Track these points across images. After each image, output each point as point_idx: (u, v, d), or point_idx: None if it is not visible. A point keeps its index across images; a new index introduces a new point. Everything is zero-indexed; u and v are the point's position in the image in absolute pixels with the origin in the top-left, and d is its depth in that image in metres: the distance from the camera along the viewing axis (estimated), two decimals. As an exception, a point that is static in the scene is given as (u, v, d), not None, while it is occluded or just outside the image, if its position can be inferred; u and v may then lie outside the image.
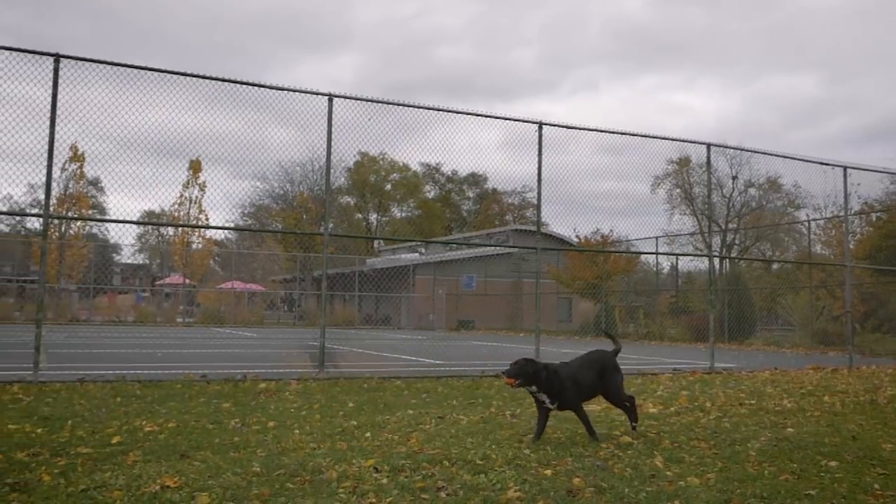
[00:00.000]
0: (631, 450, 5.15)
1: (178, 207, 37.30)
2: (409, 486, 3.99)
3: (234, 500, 3.62)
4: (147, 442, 4.97)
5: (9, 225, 58.20)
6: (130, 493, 3.64)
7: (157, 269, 57.48)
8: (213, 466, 4.29)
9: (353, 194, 64.07)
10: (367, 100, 10.55)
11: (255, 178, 53.07)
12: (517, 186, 61.50)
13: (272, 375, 9.70)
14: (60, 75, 8.83)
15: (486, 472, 4.33)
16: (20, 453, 4.49)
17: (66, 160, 34.03)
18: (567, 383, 5.28)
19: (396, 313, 38.96)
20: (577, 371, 5.46)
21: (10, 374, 8.78)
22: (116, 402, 6.92)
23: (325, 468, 4.28)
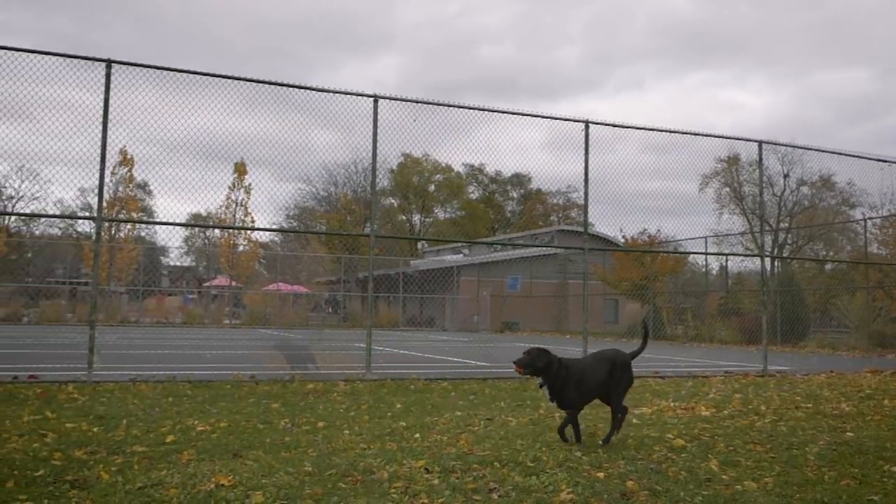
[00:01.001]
0: (685, 453, 5.05)
1: (225, 210, 37.83)
2: (461, 487, 3.96)
3: (288, 499, 3.63)
4: (200, 441, 5.02)
5: (60, 228, 59.75)
6: (186, 491, 3.68)
7: (204, 271, 58.38)
8: (266, 466, 4.32)
9: (396, 196, 64.40)
10: (412, 101, 10.57)
11: (299, 181, 53.75)
12: (562, 186, 61.19)
13: (320, 376, 9.76)
14: (111, 80, 8.98)
15: (537, 474, 4.29)
16: (78, 451, 4.57)
17: (115, 164, 34.76)
18: (571, 383, 5.10)
19: (441, 315, 38.97)
20: (586, 370, 5.27)
21: (65, 374, 8.99)
22: (168, 401, 7.02)
23: (377, 469, 4.28)
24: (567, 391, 5.11)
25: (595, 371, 5.29)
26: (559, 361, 5.11)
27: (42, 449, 4.61)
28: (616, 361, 5.39)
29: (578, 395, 5.17)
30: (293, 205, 58.07)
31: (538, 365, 5.04)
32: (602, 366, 5.34)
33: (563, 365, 5.10)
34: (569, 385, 5.10)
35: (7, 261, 37.66)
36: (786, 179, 47.82)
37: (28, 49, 8.76)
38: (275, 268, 41.24)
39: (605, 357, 5.46)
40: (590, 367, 5.31)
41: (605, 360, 5.39)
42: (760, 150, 13.25)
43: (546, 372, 5.06)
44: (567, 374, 5.09)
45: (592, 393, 5.32)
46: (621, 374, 5.38)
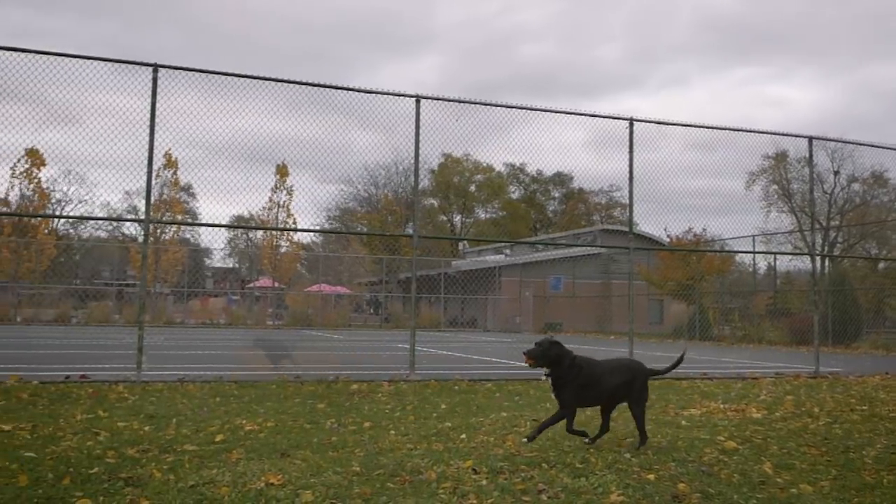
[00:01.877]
0: (737, 455, 4.97)
1: (268, 212, 38.26)
2: (510, 488, 3.94)
3: (337, 499, 3.64)
4: (248, 440, 5.06)
5: (107, 231, 61.05)
6: (237, 490, 3.71)
7: (247, 272, 59.11)
8: (314, 465, 4.33)
9: (436, 196, 64.45)
10: (454, 100, 10.55)
11: (340, 182, 54.12)
12: (604, 185, 60.64)
13: (364, 377, 9.79)
14: (157, 84, 9.10)
15: (586, 476, 4.26)
16: (130, 450, 4.64)
17: (160, 167, 35.38)
18: (576, 384, 4.91)
19: (482, 315, 38.89)
20: (600, 375, 5.04)
21: (115, 375, 9.15)
22: (216, 401, 7.10)
23: (424, 469, 4.27)
24: (568, 390, 4.93)
25: (607, 379, 5.06)
26: (573, 358, 4.94)
27: (96, 447, 4.69)
28: (636, 373, 5.18)
29: (576, 398, 4.98)
30: (334, 206, 58.52)
31: (549, 356, 4.88)
32: (619, 376, 5.12)
33: (575, 363, 4.93)
34: (573, 385, 4.91)
35: (56, 263, 38.54)
36: (836, 176, 46.70)
37: (76, 55, 8.94)
38: (316, 269, 41.59)
39: (624, 366, 5.26)
40: (604, 373, 5.08)
41: (624, 371, 5.18)
42: (811, 146, 12.96)
43: (556, 364, 4.90)
44: (577, 374, 4.91)
45: (596, 399, 5.15)
46: (642, 388, 5.16)
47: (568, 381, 4.92)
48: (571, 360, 4.92)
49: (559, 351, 4.91)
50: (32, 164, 34.72)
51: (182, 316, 34.99)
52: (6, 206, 34.21)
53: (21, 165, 34.39)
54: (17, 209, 34.38)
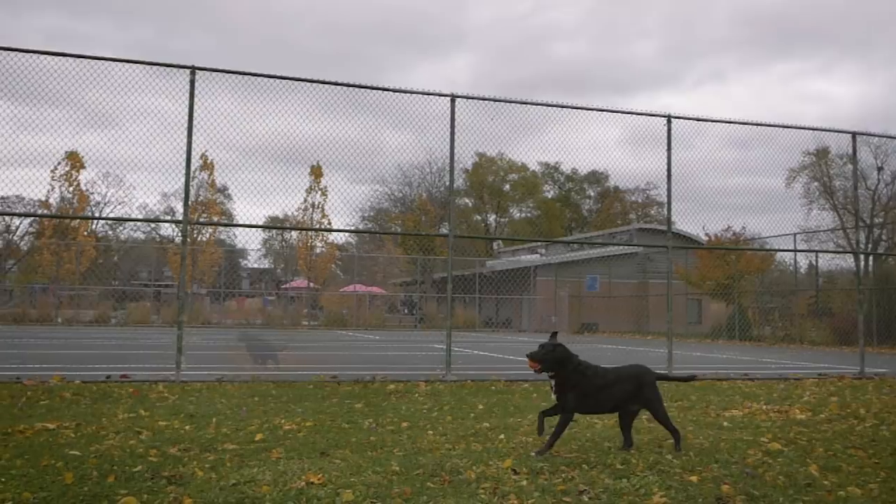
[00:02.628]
0: (781, 457, 4.87)
1: (303, 213, 38.52)
2: (550, 488, 3.91)
3: (377, 498, 3.63)
4: (287, 440, 5.08)
5: (145, 232, 62.04)
6: (278, 489, 3.72)
7: (282, 273, 59.64)
8: (354, 465, 4.34)
9: (470, 196, 64.35)
10: (489, 99, 10.51)
11: (374, 182, 54.26)
12: (640, 183, 60.04)
13: (400, 377, 9.81)
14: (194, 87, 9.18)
15: (627, 477, 4.21)
16: (172, 448, 4.68)
17: (196, 168, 35.85)
18: (580, 390, 4.75)
19: (517, 316, 38.77)
20: (605, 383, 4.88)
21: (155, 374, 9.28)
22: (254, 401, 7.15)
23: (464, 469, 4.25)
24: (570, 394, 4.77)
25: (612, 387, 4.91)
26: (577, 363, 4.78)
27: (138, 446, 4.75)
28: (643, 381, 5.01)
29: (577, 404, 4.82)
30: (368, 206, 58.76)
31: (553, 359, 4.72)
32: (624, 385, 4.95)
33: (579, 369, 4.78)
34: (575, 390, 4.76)
35: (95, 264, 39.23)
36: (880, 172, 45.67)
37: (115, 58, 9.06)
38: (351, 269, 41.79)
39: (631, 374, 5.07)
40: (609, 382, 4.92)
41: (630, 377, 5.02)
42: (854, 141, 12.69)
43: (560, 367, 4.75)
44: (579, 380, 4.76)
45: (599, 407, 5.02)
46: (652, 394, 4.98)
47: (570, 385, 4.77)
48: (576, 364, 4.77)
49: (564, 354, 4.75)
50: (72, 167, 35.42)
51: (219, 317, 35.35)
52: (47, 208, 34.93)
53: (61, 168, 35.12)
54: (58, 211, 35.08)
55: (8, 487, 3.63)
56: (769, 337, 26.23)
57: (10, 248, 50.14)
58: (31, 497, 3.47)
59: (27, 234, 52.66)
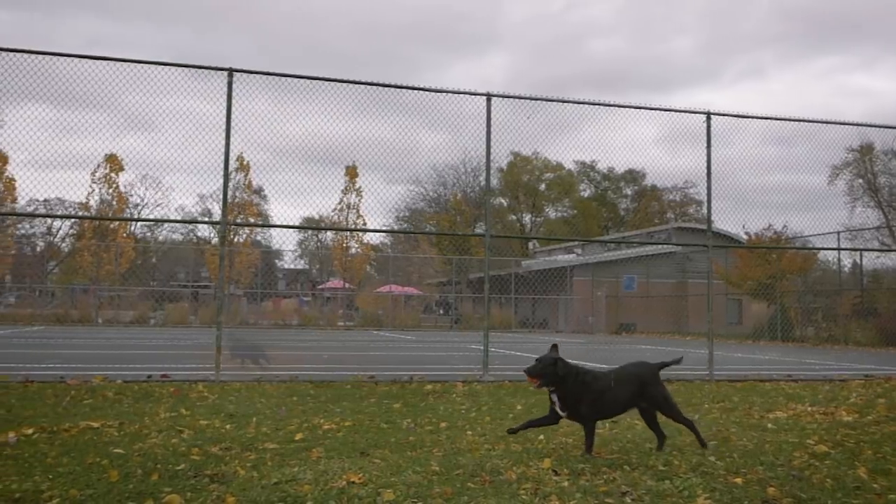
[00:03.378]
0: (828, 459, 4.76)
1: (338, 213, 38.74)
2: (592, 489, 3.87)
3: (418, 498, 3.63)
4: (327, 439, 5.10)
5: (182, 234, 62.96)
6: (319, 488, 3.73)
7: (318, 273, 60.06)
8: (394, 464, 4.34)
9: (506, 195, 64.16)
10: (525, 97, 10.44)
11: (408, 182, 54.46)
12: (678, 182, 59.20)
13: (437, 378, 9.80)
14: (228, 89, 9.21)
15: (670, 479, 4.15)
16: (213, 447, 4.73)
17: (233, 170, 36.22)
18: (590, 396, 4.64)
19: (554, 316, 38.53)
20: (609, 386, 4.76)
21: (194, 374, 9.39)
22: (293, 400, 7.19)
23: (504, 469, 4.23)
24: (584, 405, 4.65)
25: (616, 390, 4.78)
26: (577, 373, 4.67)
27: (180, 444, 4.80)
28: (646, 379, 4.88)
29: (594, 410, 4.71)
30: (403, 206, 58.98)
31: (550, 374, 4.59)
32: (628, 385, 4.83)
33: (579, 378, 4.66)
34: (586, 398, 4.64)
35: (134, 265, 39.87)
36: (926, 168, 44.56)
37: (153, 61, 9.16)
38: (386, 270, 41.91)
39: (632, 373, 4.94)
40: (612, 385, 4.79)
41: (632, 378, 4.88)
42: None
43: (562, 381, 4.62)
44: (583, 389, 4.64)
45: (610, 412, 4.90)
46: (658, 390, 4.87)
47: (579, 396, 4.64)
48: (576, 375, 4.67)
49: (563, 367, 4.63)
50: (111, 170, 36.10)
51: (255, 317, 35.61)
52: (87, 210, 35.63)
53: (100, 171, 35.79)
54: (98, 214, 35.73)
55: (55, 485, 3.69)
56: (812, 337, 25.70)
57: (51, 250, 51.23)
58: (79, 494, 3.52)
59: (68, 236, 53.87)
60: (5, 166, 33.94)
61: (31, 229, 53.24)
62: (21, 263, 38.92)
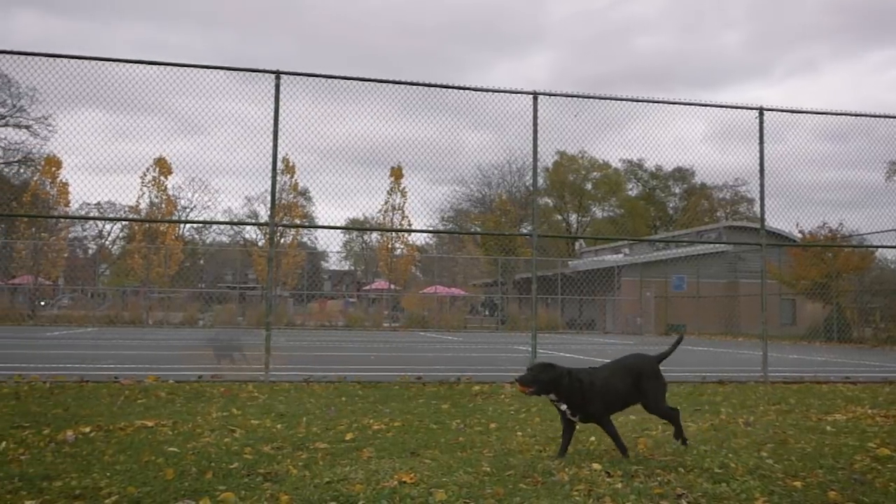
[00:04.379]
0: (892, 463, 4.63)
1: (384, 215, 38.91)
2: (646, 491, 3.80)
3: (470, 498, 3.60)
4: (377, 439, 5.11)
5: (229, 236, 63.93)
6: (371, 487, 3.74)
7: (363, 275, 60.38)
8: (444, 465, 4.32)
9: (551, 195, 63.72)
10: (572, 95, 10.32)
11: (453, 183, 54.43)
12: (728, 180, 58.11)
13: (485, 378, 9.76)
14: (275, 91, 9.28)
15: (727, 481, 4.07)
16: (265, 447, 4.77)
17: (278, 172, 36.58)
18: (591, 393, 4.53)
19: (601, 317, 38.13)
20: (606, 379, 4.67)
21: (244, 375, 9.49)
22: (342, 401, 7.22)
23: (556, 470, 4.18)
24: (590, 404, 4.55)
25: (616, 382, 4.69)
26: (569, 374, 4.55)
27: (233, 444, 4.85)
28: (643, 370, 4.78)
29: (604, 406, 4.60)
30: (448, 207, 59.00)
31: (544, 380, 4.48)
32: (624, 376, 4.74)
33: (574, 378, 4.55)
34: (588, 398, 4.53)
35: (182, 268, 40.54)
36: None
37: (202, 65, 9.25)
38: (431, 271, 41.99)
39: (627, 366, 4.83)
40: (609, 377, 4.70)
41: (627, 370, 4.78)
42: (962, 130, 11.94)
43: (555, 387, 4.50)
44: (582, 387, 4.53)
45: (618, 403, 4.77)
46: (652, 383, 4.76)
47: (580, 398, 4.53)
48: (569, 377, 4.54)
49: (554, 372, 4.51)
50: (160, 173, 36.84)
51: (302, 318, 35.87)
52: (137, 213, 36.42)
53: (150, 174, 36.56)
54: (147, 217, 36.46)
55: (113, 482, 3.75)
56: (871, 338, 24.98)
57: (102, 253, 52.44)
58: (136, 492, 3.58)
59: (118, 239, 55.18)
60: (59, 171, 34.97)
61: (83, 232, 54.72)
62: (73, 266, 39.86)
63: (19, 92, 41.69)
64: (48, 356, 12.44)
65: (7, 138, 46.20)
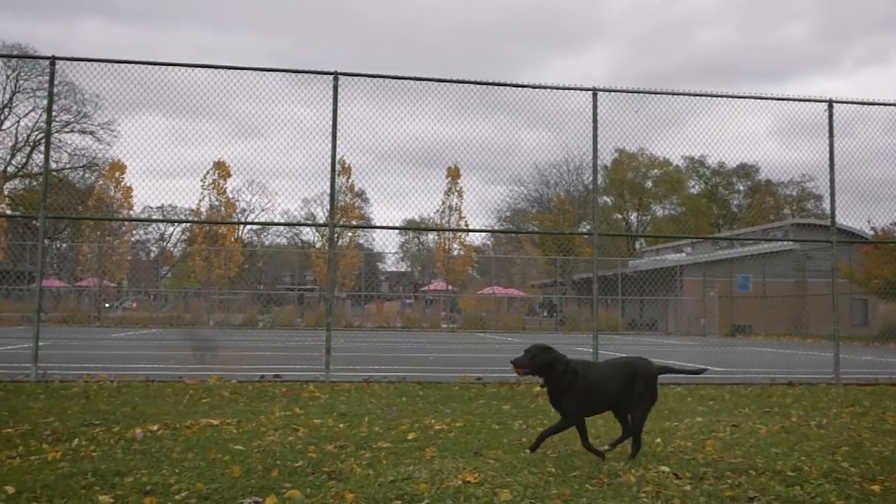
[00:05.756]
0: (979, 469, 4.38)
1: (440, 215, 38.92)
2: (716, 494, 3.71)
3: (536, 499, 3.56)
4: (439, 439, 5.10)
5: (287, 238, 64.83)
6: (435, 486, 3.73)
7: (419, 276, 60.59)
8: (508, 465, 4.29)
9: (610, 193, 62.85)
10: (632, 91, 10.14)
11: (510, 182, 54.11)
12: (794, 176, 56.40)
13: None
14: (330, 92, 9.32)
15: (801, 485, 3.96)
16: (329, 445, 4.80)
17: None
18: (575, 389, 4.37)
19: (663, 318, 37.43)
20: (599, 379, 4.48)
21: (304, 375, 9.61)
22: (402, 401, 7.23)
23: (622, 472, 4.11)
24: (567, 398, 4.41)
25: (608, 382, 4.51)
26: (566, 363, 4.43)
27: (297, 442, 4.90)
28: (638, 372, 4.56)
29: (578, 406, 4.43)
30: (505, 207, 58.73)
31: (539, 363, 4.41)
32: (620, 376, 4.54)
33: (570, 368, 4.42)
34: (572, 392, 4.39)
35: (241, 270, 41.25)
36: None
37: (261, 68, 9.39)
38: (489, 271, 41.85)
39: (627, 366, 4.63)
40: (604, 376, 4.53)
41: (624, 370, 4.58)
42: None
43: (549, 372, 4.42)
44: (573, 379, 4.39)
45: (600, 406, 4.60)
46: (644, 389, 4.54)
47: (565, 388, 4.42)
48: (565, 365, 4.43)
49: (550, 357, 4.43)
50: (219, 176, 37.59)
51: (360, 319, 36.14)
52: (197, 216, 37.24)
53: (209, 177, 37.35)
54: (207, 219, 37.23)
55: (182, 478, 3.82)
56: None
57: (164, 255, 53.79)
58: (205, 488, 3.63)
59: (180, 242, 56.57)
60: (123, 175, 36.03)
61: (146, 235, 56.30)
62: (136, 269, 40.99)
63: (84, 98, 43.22)
64: (115, 356, 12.81)
65: (73, 143, 48.00)
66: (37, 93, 46.24)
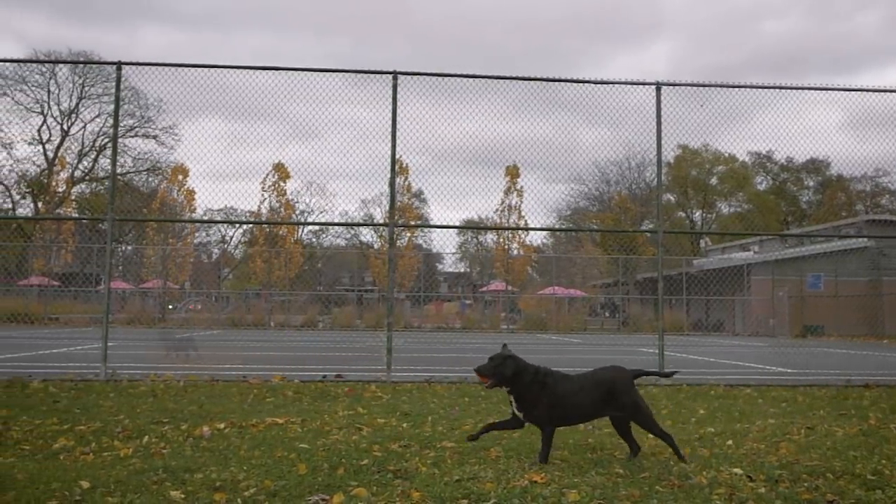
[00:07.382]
0: None
1: (499, 215, 38.69)
2: (793, 497, 3.59)
3: (604, 500, 3.50)
4: (504, 439, 5.05)
5: (346, 239, 65.44)
6: (501, 486, 3.69)
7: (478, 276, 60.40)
8: (575, 466, 4.23)
9: (673, 191, 61.69)
10: (697, 84, 9.88)
11: (569, 181, 53.60)
12: (868, 171, 54.35)
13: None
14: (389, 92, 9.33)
15: (882, 489, 3.83)
16: (393, 444, 4.80)
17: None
18: (548, 398, 4.20)
19: (730, 318, 36.47)
20: (571, 393, 4.29)
21: (367, 375, 9.65)
22: (465, 401, 7.20)
23: (693, 474, 4.01)
24: (538, 408, 4.24)
25: (580, 395, 4.31)
26: (535, 372, 4.26)
27: (361, 441, 4.91)
28: (617, 385, 4.36)
29: (550, 417, 4.27)
30: (565, 206, 58.21)
31: (505, 373, 4.22)
32: (596, 389, 4.35)
33: (538, 378, 4.25)
34: (543, 402, 4.23)
35: (301, 271, 41.75)
36: None
37: (319, 68, 9.43)
38: (549, 271, 41.50)
39: (603, 381, 4.41)
40: (576, 389, 4.33)
41: (601, 384, 4.37)
42: None
43: (516, 381, 4.24)
44: (542, 391, 4.23)
45: (573, 418, 4.45)
46: (629, 399, 4.35)
47: (532, 397, 4.26)
48: (533, 374, 4.27)
49: (516, 366, 4.25)
50: (279, 178, 38.17)
51: (419, 320, 36.17)
52: (258, 218, 37.90)
53: (269, 179, 37.97)
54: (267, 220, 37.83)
55: (251, 475, 3.87)
56: None
57: (225, 257, 54.84)
58: (272, 485, 3.67)
59: (240, 244, 57.65)
60: (186, 178, 36.93)
61: (207, 238, 57.53)
62: (198, 270, 41.86)
63: (147, 103, 44.50)
64: (180, 357, 13.08)
65: (136, 148, 49.48)
66: (102, 98, 47.92)
